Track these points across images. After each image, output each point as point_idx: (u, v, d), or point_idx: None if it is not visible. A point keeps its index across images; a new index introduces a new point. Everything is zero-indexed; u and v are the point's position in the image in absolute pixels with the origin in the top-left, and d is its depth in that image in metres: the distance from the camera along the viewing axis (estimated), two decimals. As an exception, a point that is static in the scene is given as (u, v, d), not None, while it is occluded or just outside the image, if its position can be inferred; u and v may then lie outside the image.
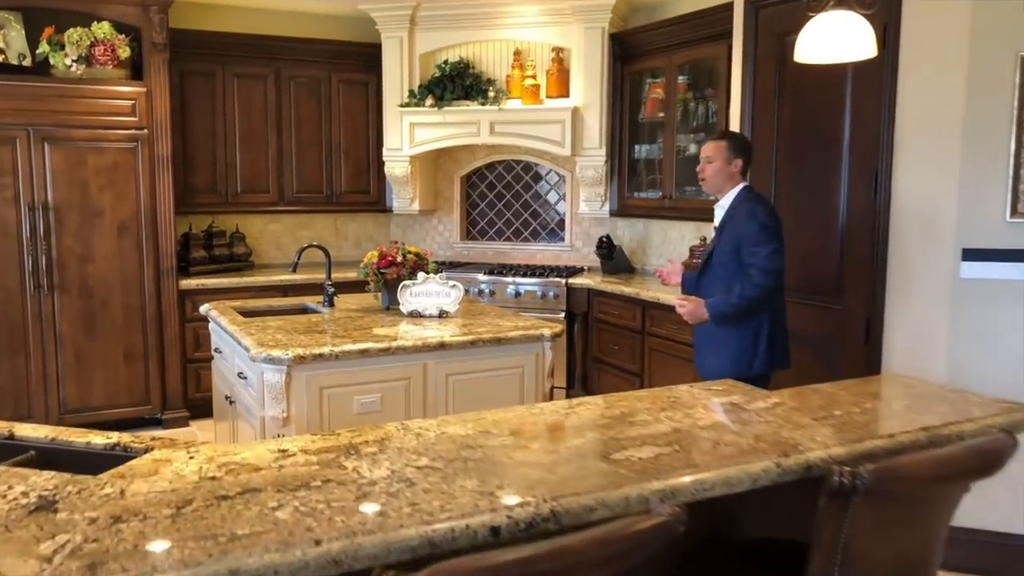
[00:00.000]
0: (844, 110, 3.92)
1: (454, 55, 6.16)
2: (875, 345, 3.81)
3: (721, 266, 3.47)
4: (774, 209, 3.48)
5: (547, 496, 1.46)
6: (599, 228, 6.35)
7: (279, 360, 3.31)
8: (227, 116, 5.91)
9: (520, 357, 3.83)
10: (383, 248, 4.35)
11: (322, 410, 3.42)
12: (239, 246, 6.17)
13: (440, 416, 3.64)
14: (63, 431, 2.29)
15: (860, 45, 2.15)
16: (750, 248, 3.32)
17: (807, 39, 2.27)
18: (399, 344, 3.52)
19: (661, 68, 5.54)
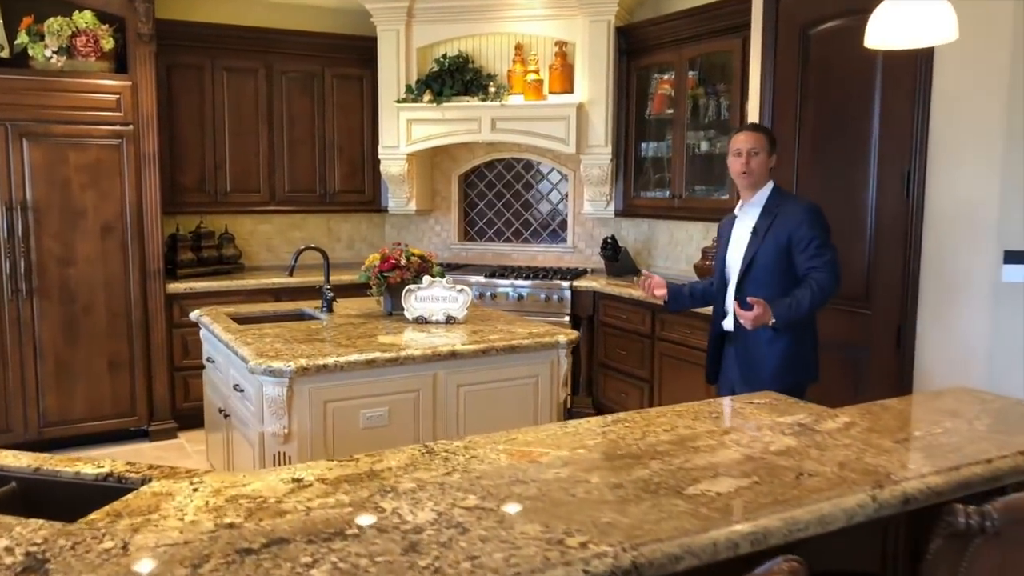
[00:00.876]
0: (872, 106, 3.72)
1: (452, 49, 5.93)
2: (907, 352, 3.62)
3: (766, 269, 3.19)
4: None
5: (625, 544, 1.25)
6: (603, 229, 6.14)
7: (280, 372, 3.07)
8: (216, 112, 5.65)
9: (534, 366, 3.62)
10: (385, 250, 4.12)
11: (326, 426, 3.19)
12: (228, 248, 5.91)
13: (452, 431, 3.46)
14: (48, 459, 2.04)
15: (941, 28, 1.96)
16: (815, 250, 3.09)
17: (882, 23, 2.07)
18: (408, 354, 3.29)
19: (670, 63, 5.34)
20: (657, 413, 2.47)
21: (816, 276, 3.07)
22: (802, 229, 3.12)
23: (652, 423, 2.34)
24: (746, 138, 3.28)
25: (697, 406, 2.54)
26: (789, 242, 3.14)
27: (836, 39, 3.89)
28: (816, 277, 3.06)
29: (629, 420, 2.38)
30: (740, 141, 3.28)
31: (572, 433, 2.25)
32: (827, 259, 3.08)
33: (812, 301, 3.05)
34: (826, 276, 3.06)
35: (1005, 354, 3.32)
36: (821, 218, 3.15)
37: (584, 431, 2.27)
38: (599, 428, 2.29)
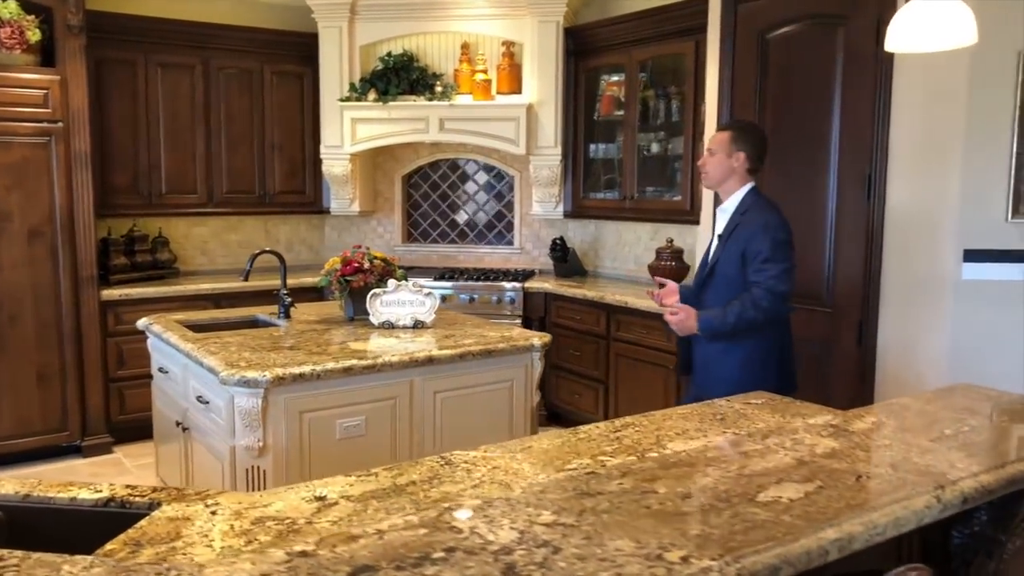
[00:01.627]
0: (832, 111, 3.81)
1: (397, 47, 5.81)
2: (869, 348, 3.72)
3: (725, 279, 3.10)
4: (787, 220, 3.08)
5: (727, 557, 1.21)
6: (550, 230, 6.13)
7: (255, 383, 2.93)
8: (150, 110, 5.38)
9: (510, 370, 3.56)
10: (347, 253, 3.99)
11: (302, 437, 3.06)
12: (163, 252, 5.64)
13: (430, 439, 3.36)
14: (36, 485, 1.88)
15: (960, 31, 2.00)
16: (759, 264, 2.98)
17: (902, 27, 2.10)
18: (385, 360, 3.19)
19: (621, 64, 5.36)
20: (663, 416, 2.45)
21: (753, 292, 2.98)
22: (753, 243, 3.01)
23: (662, 427, 2.32)
24: (711, 137, 3.25)
25: (701, 408, 2.53)
26: (744, 254, 3.04)
27: (795, 44, 3.97)
28: (752, 293, 2.97)
29: (638, 424, 2.35)
30: (709, 139, 3.25)
31: (585, 439, 2.21)
32: (768, 275, 2.96)
33: (740, 316, 2.97)
34: (761, 293, 2.96)
35: (965, 349, 3.45)
36: (773, 232, 3.00)
37: (597, 436, 2.23)
38: (611, 433, 2.26)
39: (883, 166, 3.61)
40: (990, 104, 3.33)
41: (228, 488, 3.08)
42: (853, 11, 3.69)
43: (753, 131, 3.21)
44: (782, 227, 3.03)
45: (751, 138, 3.14)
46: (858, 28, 3.68)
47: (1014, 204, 3.35)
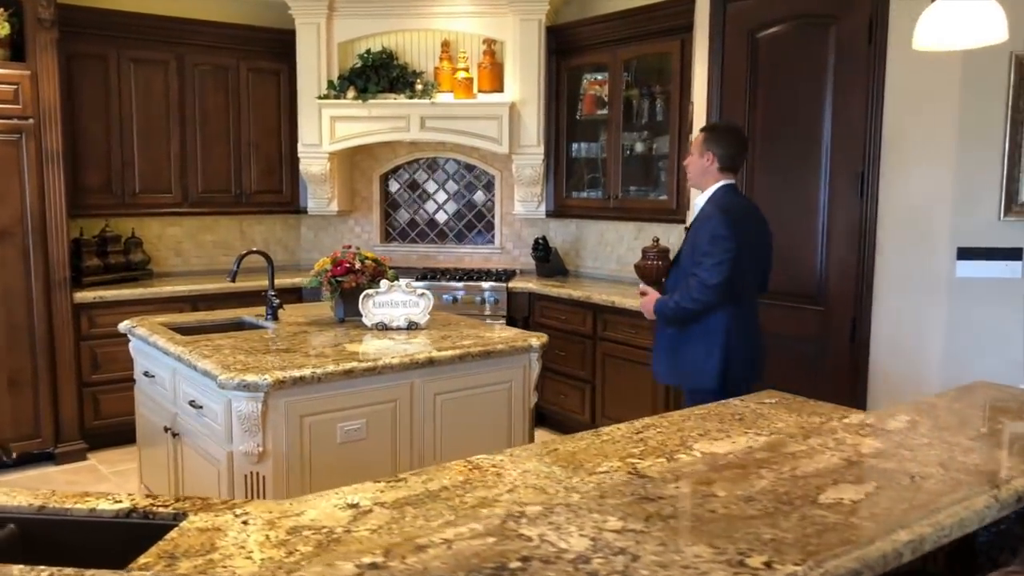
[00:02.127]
0: (824, 110, 3.84)
1: (376, 45, 5.73)
2: (862, 346, 3.75)
3: (684, 268, 3.27)
4: (735, 219, 3.14)
5: (809, 561, 1.18)
6: (531, 229, 6.09)
7: (255, 386, 2.84)
8: (123, 107, 5.22)
9: (508, 371, 3.52)
10: (337, 254, 3.92)
11: (302, 442, 2.98)
12: (136, 253, 5.48)
13: (430, 442, 3.30)
14: (50, 496, 1.79)
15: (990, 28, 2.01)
16: (698, 257, 3.15)
17: (930, 24, 2.10)
18: (386, 362, 3.13)
19: (605, 63, 5.35)
20: (681, 417, 2.43)
21: (689, 282, 3.16)
22: (699, 236, 3.19)
23: (683, 428, 2.30)
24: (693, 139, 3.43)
25: (719, 408, 2.52)
26: (693, 245, 3.21)
27: (785, 43, 3.99)
28: (689, 283, 3.16)
29: (658, 425, 2.33)
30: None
31: (609, 441, 2.18)
32: (703, 267, 3.12)
33: (678, 304, 3.19)
34: (695, 284, 3.13)
35: (959, 346, 3.49)
36: (713, 227, 3.12)
37: (621, 438, 2.20)
38: (633, 434, 2.24)
39: (876, 164, 3.64)
40: (982, 103, 3.38)
41: (226, 495, 2.99)
42: (844, 11, 3.72)
43: (725, 132, 3.32)
44: (723, 223, 3.13)
45: (721, 139, 3.26)
46: (850, 27, 3.70)
47: (1006, 202, 3.40)
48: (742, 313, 3.24)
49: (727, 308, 3.17)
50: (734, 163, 3.26)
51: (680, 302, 3.18)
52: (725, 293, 3.12)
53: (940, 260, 3.49)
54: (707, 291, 3.11)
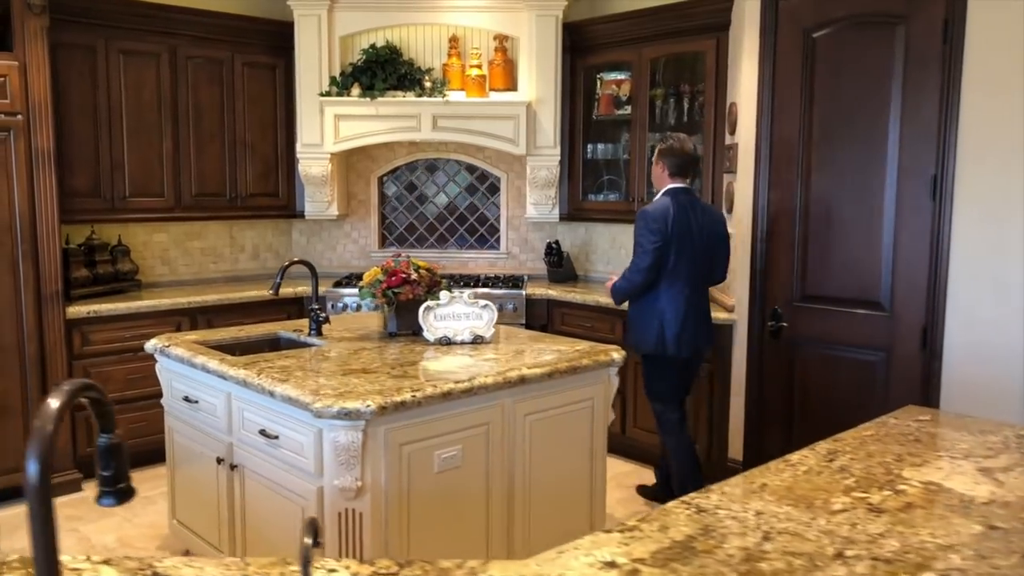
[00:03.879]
0: (890, 111, 3.75)
1: (379, 39, 5.42)
2: (934, 355, 3.68)
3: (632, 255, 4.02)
4: (664, 215, 3.85)
5: None
6: (539, 233, 5.88)
7: (357, 414, 2.56)
8: (112, 102, 4.77)
9: (591, 388, 3.31)
10: (390, 263, 3.63)
11: (401, 473, 2.70)
12: (124, 262, 5.03)
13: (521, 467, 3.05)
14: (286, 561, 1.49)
15: None
16: (633, 245, 3.94)
17: None
18: (481, 382, 2.88)
19: (627, 62, 5.18)
20: (856, 439, 2.27)
21: (628, 266, 3.98)
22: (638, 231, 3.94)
23: (871, 451, 2.15)
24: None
25: (875, 429, 2.38)
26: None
27: (845, 43, 3.89)
28: (628, 267, 3.98)
29: (841, 450, 2.17)
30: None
31: (806, 471, 2.01)
32: (633, 258, 3.95)
33: (618, 285, 4.03)
34: (630, 266, 3.96)
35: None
36: (643, 220, 3.89)
37: (816, 467, 2.03)
38: (828, 463, 2.07)
39: (951, 167, 3.57)
40: (1066, 106, 3.34)
41: (314, 536, 2.69)
42: (915, 10, 3.64)
43: (674, 149, 3.96)
44: (652, 217, 3.88)
45: (670, 153, 3.96)
46: (921, 27, 3.63)
47: (1090, 205, 3.37)
48: (675, 294, 3.90)
49: (665, 290, 3.90)
50: (682, 171, 3.97)
51: (619, 283, 4.02)
52: (653, 275, 3.87)
53: (1020, 263, 3.44)
54: (637, 273, 3.91)
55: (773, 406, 4.28)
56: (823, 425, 4.08)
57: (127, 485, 1.19)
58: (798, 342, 4.15)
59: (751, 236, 4.28)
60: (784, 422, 4.24)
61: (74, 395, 1.07)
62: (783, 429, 4.25)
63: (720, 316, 4.42)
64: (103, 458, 1.17)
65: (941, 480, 1.95)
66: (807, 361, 4.13)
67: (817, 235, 4.05)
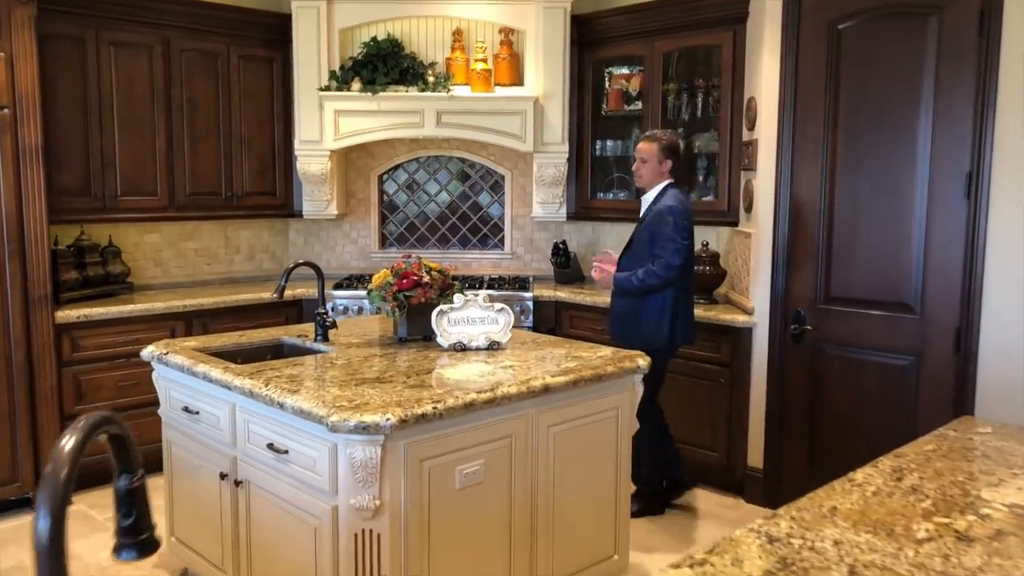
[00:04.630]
0: (921, 107, 3.60)
1: (380, 32, 5.23)
2: (969, 357, 3.53)
3: (640, 249, 3.93)
4: (688, 209, 3.91)
5: None
6: (544, 233, 5.71)
7: (376, 428, 2.38)
8: (103, 96, 4.56)
9: (615, 396, 3.14)
10: (400, 264, 3.46)
11: (422, 491, 2.52)
12: (115, 264, 4.81)
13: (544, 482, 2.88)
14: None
15: None
16: (661, 242, 3.81)
17: None
18: (504, 392, 2.70)
19: (639, 56, 5.01)
20: (918, 454, 2.11)
21: (655, 263, 3.82)
22: (658, 225, 3.84)
23: (938, 469, 1.99)
24: (640, 147, 4.01)
25: (940, 444, 2.22)
26: (654, 233, 3.86)
27: (873, 35, 3.74)
28: (655, 263, 3.82)
29: (907, 468, 2.01)
30: (637, 148, 4.03)
31: (875, 492, 1.84)
32: (663, 255, 3.80)
33: (643, 280, 3.83)
34: (661, 263, 3.80)
35: (1082, 356, 3.31)
36: (670, 217, 3.80)
37: (884, 488, 1.87)
38: (894, 483, 1.91)
39: (987, 165, 3.42)
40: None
41: (327, 557, 2.51)
42: (947, 1, 3.49)
43: (671, 142, 3.98)
44: (682, 214, 3.83)
45: (671, 148, 3.97)
46: (956, 18, 3.48)
47: None
48: (685, 285, 3.93)
49: (674, 287, 3.86)
50: (679, 169, 4.07)
51: (644, 279, 3.83)
52: (680, 273, 3.82)
53: (1061, 265, 3.30)
54: (670, 270, 3.79)
55: (795, 412, 4.13)
56: (848, 433, 3.94)
57: (150, 535, 1.00)
58: (822, 345, 4.00)
59: (772, 236, 4.12)
60: (807, 430, 4.09)
61: (92, 432, 0.89)
62: (806, 437, 4.10)
63: (739, 319, 4.27)
64: (123, 504, 0.99)
65: (1015, 500, 1.79)
66: (831, 365, 3.98)
67: (843, 234, 3.90)
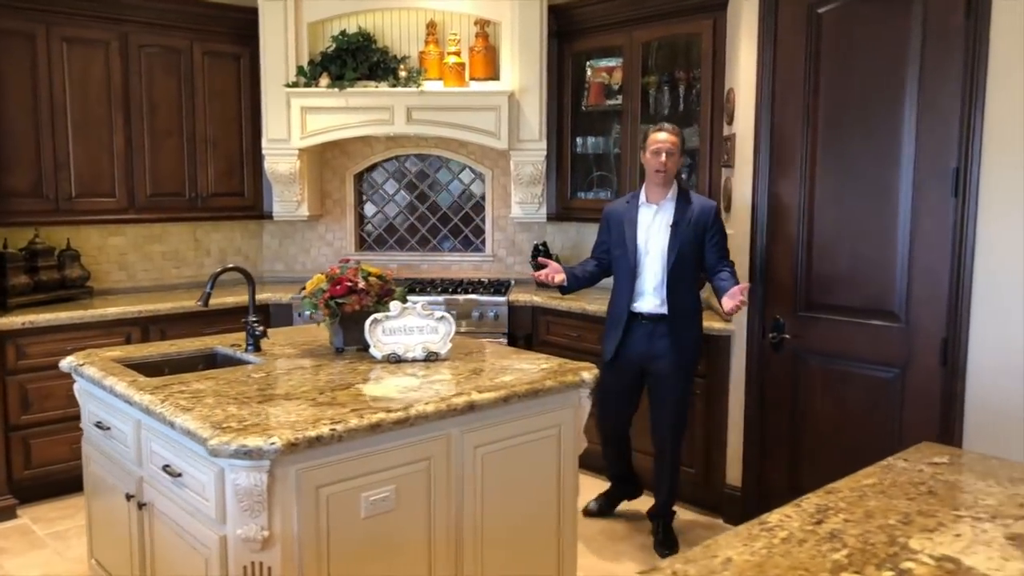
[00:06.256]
0: (906, 97, 3.29)
1: (351, 25, 5.02)
2: (957, 370, 3.21)
3: (685, 260, 3.64)
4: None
5: None
6: (526, 234, 5.46)
7: (260, 452, 2.15)
8: (55, 95, 4.39)
9: (557, 413, 2.88)
10: (334, 270, 3.23)
11: (319, 520, 2.29)
12: (73, 268, 4.66)
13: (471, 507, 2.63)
14: None
15: None
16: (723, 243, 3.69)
17: None
18: (419, 411, 2.46)
19: (617, 47, 4.74)
20: (852, 491, 1.83)
21: (730, 268, 3.64)
22: (716, 225, 3.66)
23: (871, 511, 1.71)
24: (667, 138, 3.63)
25: (879, 473, 1.94)
26: (703, 236, 3.63)
27: (855, 19, 3.44)
28: (730, 269, 3.63)
29: (835, 507, 1.73)
30: (660, 141, 3.62)
31: (788, 539, 1.57)
32: (726, 251, 3.70)
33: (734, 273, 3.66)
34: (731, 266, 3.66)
35: (1081, 370, 2.98)
36: (721, 217, 3.72)
37: (800, 533, 1.60)
38: (814, 527, 1.63)
39: (975, 159, 3.11)
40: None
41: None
42: (933, -20, 3.19)
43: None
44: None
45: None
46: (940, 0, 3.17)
47: None
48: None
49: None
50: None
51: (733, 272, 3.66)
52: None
53: (1058, 269, 2.98)
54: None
55: (775, 427, 3.84)
56: (831, 449, 3.63)
57: None
58: (802, 355, 3.71)
59: (750, 237, 3.84)
60: (787, 445, 3.79)
61: None
62: (787, 453, 3.80)
63: (716, 326, 3.99)
64: None
65: (959, 554, 1.51)
66: (812, 377, 3.69)
67: (823, 235, 3.60)
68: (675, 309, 3.67)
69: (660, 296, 3.67)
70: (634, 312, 3.73)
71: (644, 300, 3.71)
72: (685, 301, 3.70)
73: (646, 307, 3.71)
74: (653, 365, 3.72)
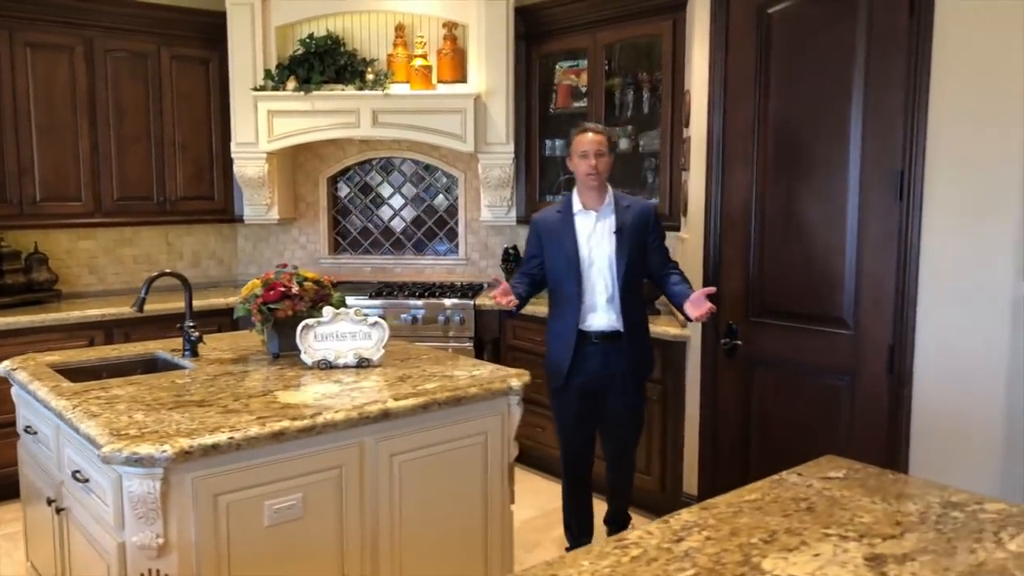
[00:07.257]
0: (852, 98, 3.22)
1: (320, 29, 5.02)
2: (903, 377, 3.13)
3: (633, 268, 3.42)
4: None
5: None
6: (499, 237, 5.42)
7: (150, 460, 2.13)
8: (18, 100, 4.43)
9: (483, 420, 2.85)
10: (270, 275, 3.21)
11: (218, 528, 2.27)
12: (40, 271, 4.69)
13: (387, 515, 2.61)
14: None
15: None
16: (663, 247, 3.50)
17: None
18: (326, 419, 2.43)
19: (582, 49, 4.70)
20: (729, 508, 1.78)
21: (677, 271, 3.49)
22: (656, 227, 3.48)
23: (737, 528, 1.66)
24: (593, 138, 3.39)
25: (769, 488, 1.88)
26: (645, 239, 3.43)
27: (803, 19, 3.38)
28: (678, 271, 3.48)
29: (703, 524, 1.68)
30: (587, 142, 3.38)
31: (643, 559, 1.52)
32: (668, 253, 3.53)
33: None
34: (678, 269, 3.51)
35: None
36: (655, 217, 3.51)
37: (657, 552, 1.55)
38: (674, 545, 1.58)
39: (919, 162, 3.03)
40: (1053, 87, 2.78)
41: (116, 601, 2.28)
42: (878, -22, 3.11)
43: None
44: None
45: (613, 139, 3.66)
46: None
47: (1082, 206, 2.81)
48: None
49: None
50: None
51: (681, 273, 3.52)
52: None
53: (1001, 274, 2.89)
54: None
55: (729, 434, 3.77)
56: (784, 457, 3.50)
57: None
58: (755, 362, 3.64)
59: (703, 242, 3.78)
60: (742, 453, 3.73)
61: None
62: (741, 461, 3.74)
63: (671, 331, 3.93)
64: None
65: (794, 571, 1.46)
66: (765, 384, 3.62)
67: (774, 240, 3.53)
68: (629, 323, 3.41)
69: (615, 309, 3.38)
70: (584, 331, 3.41)
71: (596, 316, 3.40)
72: (638, 313, 3.49)
73: (599, 324, 3.40)
74: (609, 384, 3.45)
